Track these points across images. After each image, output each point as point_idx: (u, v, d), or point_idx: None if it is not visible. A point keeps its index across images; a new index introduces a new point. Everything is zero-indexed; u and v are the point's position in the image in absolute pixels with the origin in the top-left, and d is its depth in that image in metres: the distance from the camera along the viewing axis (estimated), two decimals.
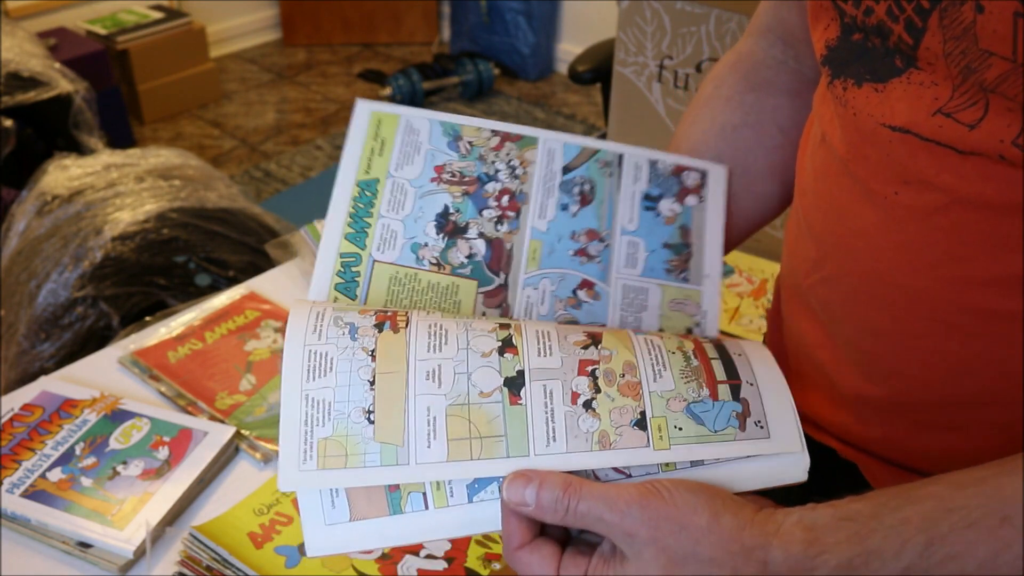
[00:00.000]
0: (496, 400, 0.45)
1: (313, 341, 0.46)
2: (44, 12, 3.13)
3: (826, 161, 0.51)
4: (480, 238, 0.55)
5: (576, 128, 3.33)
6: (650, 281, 0.55)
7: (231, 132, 3.27)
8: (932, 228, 0.44)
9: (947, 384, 0.47)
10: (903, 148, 0.44)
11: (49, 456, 0.83)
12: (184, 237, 1.60)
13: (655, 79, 1.14)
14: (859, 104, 0.46)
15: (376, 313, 0.49)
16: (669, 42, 1.10)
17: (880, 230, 0.47)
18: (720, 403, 0.46)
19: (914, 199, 0.44)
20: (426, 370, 0.45)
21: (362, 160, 0.56)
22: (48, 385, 0.92)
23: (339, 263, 0.53)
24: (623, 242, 0.56)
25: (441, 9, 3.99)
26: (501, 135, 0.58)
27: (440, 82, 3.44)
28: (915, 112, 0.43)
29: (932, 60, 0.41)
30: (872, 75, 0.45)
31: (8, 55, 2.32)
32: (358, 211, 0.55)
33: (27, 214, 1.64)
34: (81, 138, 2.39)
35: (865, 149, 0.46)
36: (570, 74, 1.79)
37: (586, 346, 0.47)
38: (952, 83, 0.41)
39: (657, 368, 0.46)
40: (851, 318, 0.51)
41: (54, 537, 0.76)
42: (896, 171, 0.45)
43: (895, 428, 0.52)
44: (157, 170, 1.71)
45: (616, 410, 0.45)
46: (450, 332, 0.47)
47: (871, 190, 0.47)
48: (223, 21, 3.76)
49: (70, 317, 1.50)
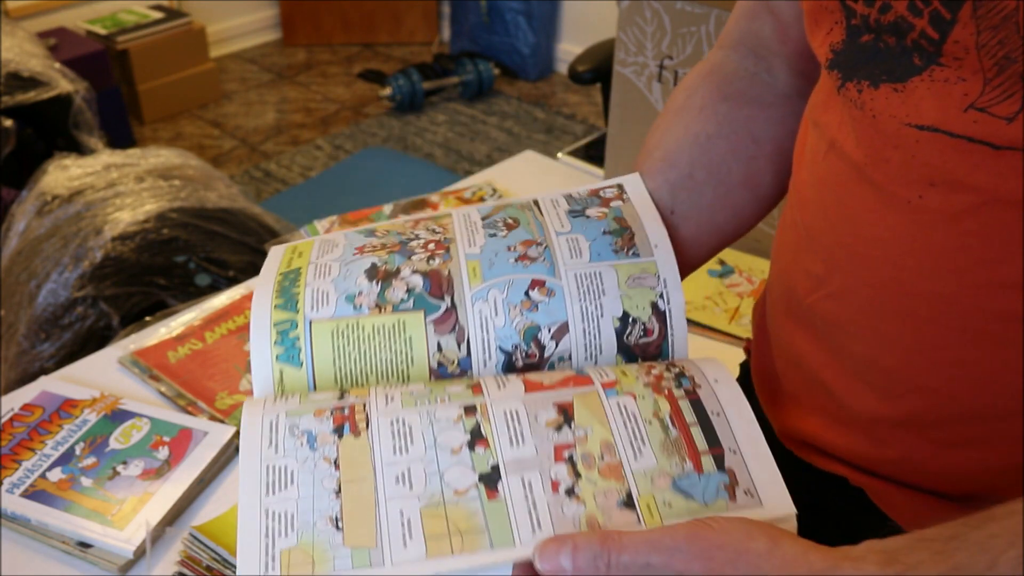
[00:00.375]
0: (473, 497, 0.42)
1: (270, 456, 0.44)
2: (44, 12, 3.13)
3: (835, 170, 0.49)
4: (415, 274, 0.53)
5: (576, 128, 3.33)
6: (601, 264, 0.53)
7: (231, 132, 3.27)
8: (961, 231, 0.42)
9: (974, 396, 0.46)
10: (931, 148, 0.42)
11: (49, 456, 0.83)
12: (184, 237, 1.60)
13: (655, 79, 1.14)
14: (878, 106, 0.45)
15: (332, 413, 0.46)
16: (669, 42, 1.10)
17: (902, 236, 0.45)
18: (706, 475, 0.44)
19: (941, 202, 0.43)
20: (395, 474, 0.43)
21: (281, 264, 0.55)
22: (48, 385, 0.92)
23: (275, 333, 0.51)
24: (561, 240, 0.54)
25: (441, 9, 3.99)
26: (415, 219, 0.58)
27: (440, 82, 3.44)
28: (944, 109, 0.41)
29: (960, 54, 0.40)
30: (889, 75, 0.44)
31: (8, 55, 2.32)
32: (284, 288, 0.53)
33: (27, 214, 1.64)
34: (81, 138, 2.39)
35: (886, 152, 0.45)
36: (570, 74, 1.79)
37: (559, 426, 0.45)
38: (983, 76, 0.40)
39: (636, 444, 0.44)
40: (864, 333, 0.49)
41: (54, 537, 0.76)
42: (921, 173, 0.43)
43: (914, 448, 0.50)
44: (157, 170, 1.71)
45: (600, 493, 0.43)
46: (415, 428, 0.45)
47: (892, 195, 0.45)
48: (223, 21, 3.76)
49: (70, 317, 1.50)
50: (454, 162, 3.10)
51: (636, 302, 0.52)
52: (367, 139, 3.24)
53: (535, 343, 0.51)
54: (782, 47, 0.60)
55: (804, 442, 0.58)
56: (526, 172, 1.41)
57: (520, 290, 0.52)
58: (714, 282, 1.16)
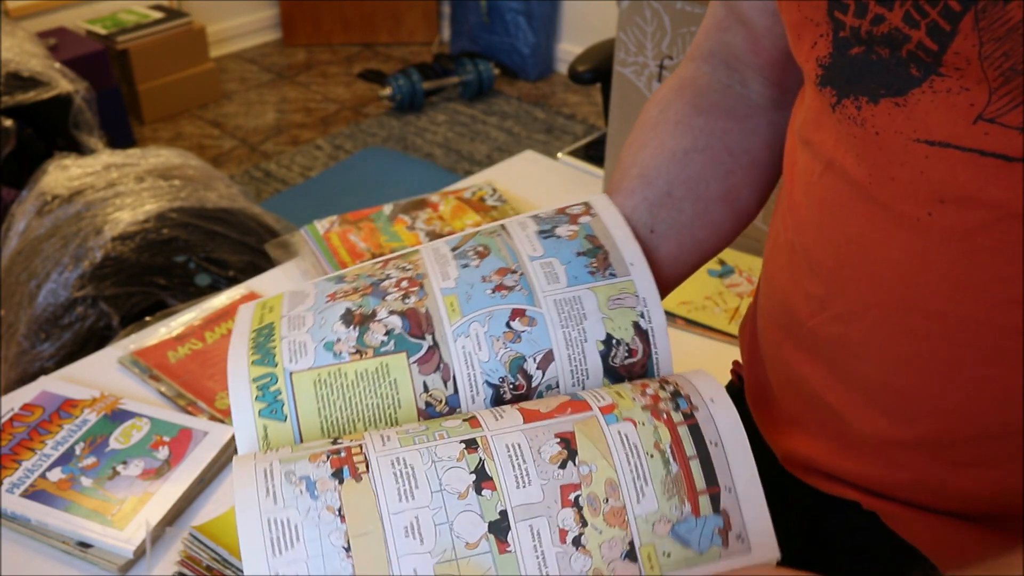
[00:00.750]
0: (484, 551, 0.42)
1: (269, 508, 0.42)
2: (44, 12, 3.13)
3: (834, 191, 0.47)
4: (392, 315, 0.52)
5: (576, 128, 3.33)
6: (579, 288, 0.53)
7: (231, 132, 3.27)
8: (975, 248, 0.41)
9: (991, 414, 0.45)
10: (940, 164, 0.41)
11: (49, 456, 0.83)
12: (184, 237, 1.60)
13: (655, 79, 1.14)
14: (881, 122, 0.43)
15: (329, 457, 0.45)
16: (669, 42, 1.10)
17: (912, 256, 0.43)
18: (703, 519, 0.44)
19: (952, 219, 0.41)
20: (403, 525, 0.42)
21: (253, 321, 0.54)
22: (48, 385, 0.92)
23: (255, 389, 0.49)
24: (535, 266, 0.54)
25: (441, 9, 3.99)
26: (383, 260, 0.57)
27: (440, 82, 3.44)
28: (953, 123, 0.40)
29: (961, 65, 0.39)
30: (888, 88, 0.42)
31: (8, 55, 2.32)
32: (259, 344, 0.52)
33: (27, 214, 1.64)
34: (81, 138, 2.39)
35: (891, 170, 0.43)
36: (570, 74, 1.79)
37: (563, 462, 0.45)
38: (988, 86, 0.38)
39: (639, 484, 0.45)
40: (874, 355, 0.48)
41: (54, 537, 0.77)
42: (931, 190, 0.41)
43: (928, 470, 0.49)
44: (157, 170, 1.71)
45: (606, 543, 0.43)
46: (417, 468, 0.44)
47: (900, 214, 0.43)
48: (223, 21, 3.76)
49: (70, 317, 1.50)
50: (454, 162, 3.10)
51: (618, 323, 0.52)
52: (367, 139, 3.24)
53: (521, 373, 0.50)
54: (755, 58, 0.58)
55: (809, 466, 0.56)
56: (526, 172, 1.41)
57: (501, 321, 0.51)
58: (714, 282, 1.16)
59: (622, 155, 0.61)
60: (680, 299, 1.13)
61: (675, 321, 1.11)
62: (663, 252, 0.58)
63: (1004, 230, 0.40)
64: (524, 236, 0.56)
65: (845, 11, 0.43)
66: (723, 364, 1.03)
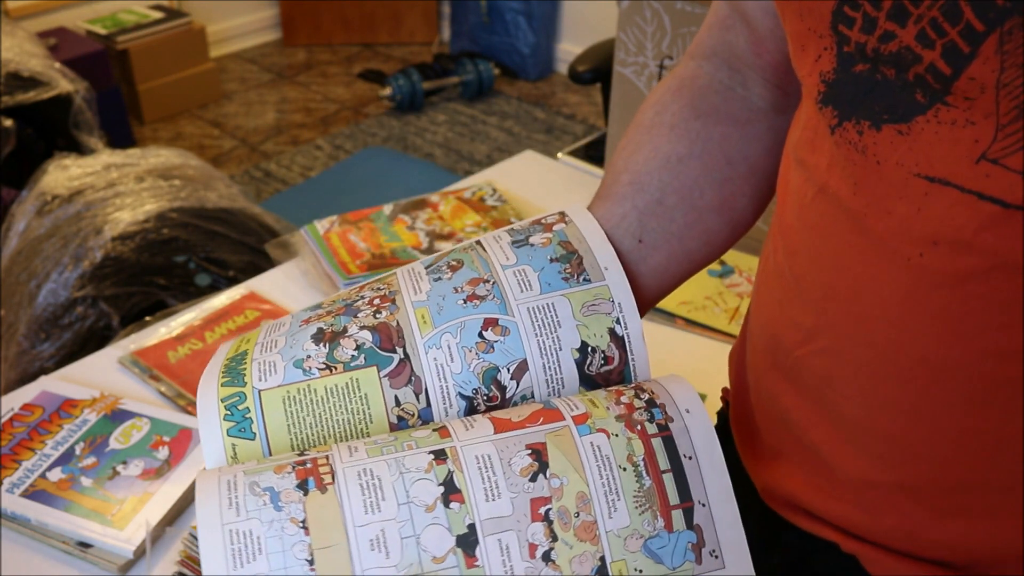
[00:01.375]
0: (452, 565, 0.41)
1: (231, 519, 0.41)
2: (44, 12, 3.13)
3: (828, 217, 0.44)
4: (363, 330, 0.51)
5: (576, 128, 3.33)
6: (553, 295, 0.51)
7: (231, 132, 3.27)
8: (966, 295, 0.39)
9: (977, 465, 0.43)
10: (938, 202, 0.38)
11: (49, 456, 0.83)
12: (184, 237, 1.60)
13: (655, 79, 1.14)
14: (883, 151, 0.40)
15: (294, 468, 0.44)
16: (669, 42, 1.10)
17: (901, 296, 0.41)
18: (676, 535, 0.44)
19: (944, 262, 0.39)
20: (369, 538, 0.41)
21: (229, 351, 0.54)
22: (48, 385, 0.92)
23: (223, 409, 0.49)
24: (509, 274, 0.52)
25: (441, 9, 3.99)
26: (360, 285, 0.57)
27: (440, 82, 3.44)
28: (955, 159, 0.37)
29: (973, 94, 0.35)
30: (891, 114, 0.39)
31: (8, 55, 2.32)
32: (230, 368, 0.51)
33: (27, 214, 1.64)
34: (81, 138, 2.39)
35: (889, 204, 0.40)
36: (570, 74, 1.79)
37: (534, 475, 0.44)
38: (996, 122, 0.35)
39: (611, 498, 0.44)
40: (857, 395, 0.45)
41: (54, 537, 0.77)
42: (925, 229, 0.39)
43: (910, 517, 0.47)
44: (157, 170, 1.71)
45: (576, 559, 0.43)
46: (384, 480, 0.43)
47: (892, 250, 0.41)
48: (223, 21, 3.76)
49: (70, 317, 1.50)
50: (454, 162, 3.10)
51: (593, 331, 0.51)
52: (367, 139, 3.24)
53: (495, 384, 0.49)
54: (757, 59, 0.56)
55: (790, 503, 0.54)
56: (526, 172, 1.41)
57: (473, 332, 0.50)
58: (714, 282, 1.16)
59: (614, 158, 0.59)
60: (680, 299, 1.13)
61: (675, 321, 1.11)
62: (651, 263, 0.55)
63: (998, 279, 0.37)
64: (498, 247, 0.55)
65: (851, 25, 0.39)
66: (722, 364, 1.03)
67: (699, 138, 0.56)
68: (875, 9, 0.37)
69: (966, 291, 0.38)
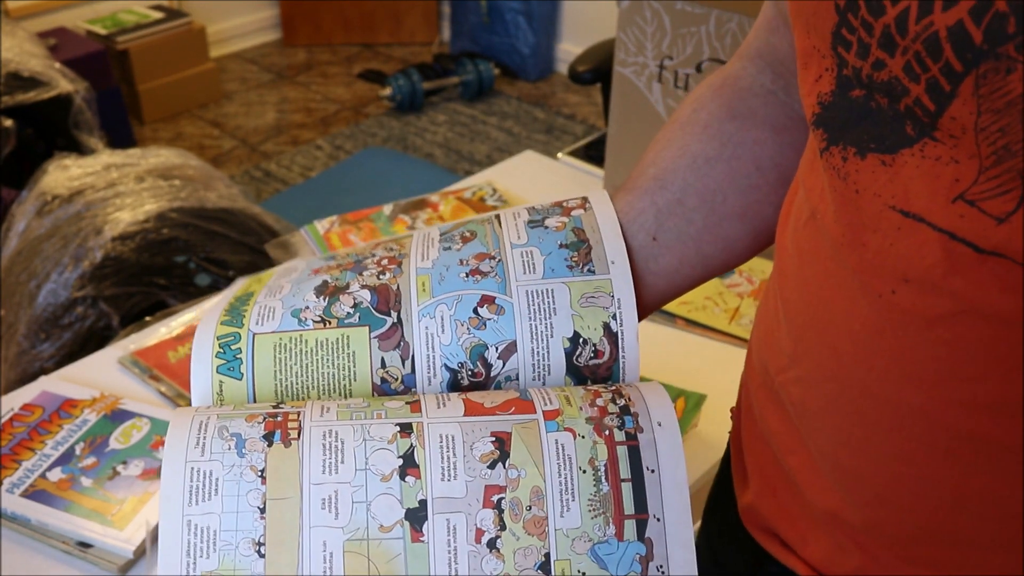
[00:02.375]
0: (397, 536, 0.42)
1: (195, 457, 0.43)
2: (44, 12, 3.13)
3: (814, 242, 0.43)
4: (364, 288, 0.52)
5: (576, 128, 3.33)
6: (554, 281, 0.51)
7: (231, 132, 3.27)
8: (933, 339, 0.37)
9: (939, 517, 0.41)
10: (911, 239, 0.37)
11: (49, 456, 0.83)
12: (184, 237, 1.60)
13: (655, 79, 1.14)
14: (863, 180, 0.38)
15: (265, 419, 0.45)
16: (669, 42, 1.10)
17: (871, 334, 0.40)
18: (625, 544, 0.44)
19: (914, 302, 0.37)
20: (321, 497, 0.43)
21: (238, 290, 0.55)
22: (48, 385, 0.92)
23: (217, 345, 0.50)
24: (516, 254, 0.52)
25: (441, 9, 3.99)
26: (377, 242, 0.57)
27: (440, 82, 3.44)
28: (931, 195, 0.35)
29: (956, 133, 0.34)
30: (878, 143, 0.38)
31: (8, 55, 2.32)
32: (233, 308, 0.53)
33: (27, 214, 1.64)
34: (81, 138, 2.39)
35: (864, 235, 0.39)
36: (570, 74, 1.79)
37: (493, 463, 0.44)
38: (979, 163, 0.33)
39: (565, 498, 0.44)
40: (829, 428, 0.44)
41: (54, 537, 0.77)
42: (897, 265, 0.37)
43: (875, 559, 0.45)
44: (157, 170, 1.71)
45: (520, 551, 0.43)
46: (347, 443, 0.44)
47: (865, 284, 0.39)
48: (223, 21, 3.76)
49: (70, 317, 1.50)
50: (454, 162, 3.11)
51: (588, 322, 0.50)
52: (367, 139, 3.24)
53: (482, 361, 0.49)
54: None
55: (766, 527, 0.54)
56: (526, 172, 1.41)
57: (469, 306, 0.50)
58: (714, 282, 1.16)
59: (647, 150, 0.57)
60: (680, 299, 1.13)
61: (675, 321, 1.11)
62: (662, 263, 0.54)
63: (965, 325, 0.36)
64: (513, 224, 0.55)
65: (848, 48, 0.37)
66: (722, 364, 1.03)
67: (730, 141, 0.54)
68: (868, 35, 0.36)
69: (934, 335, 0.37)
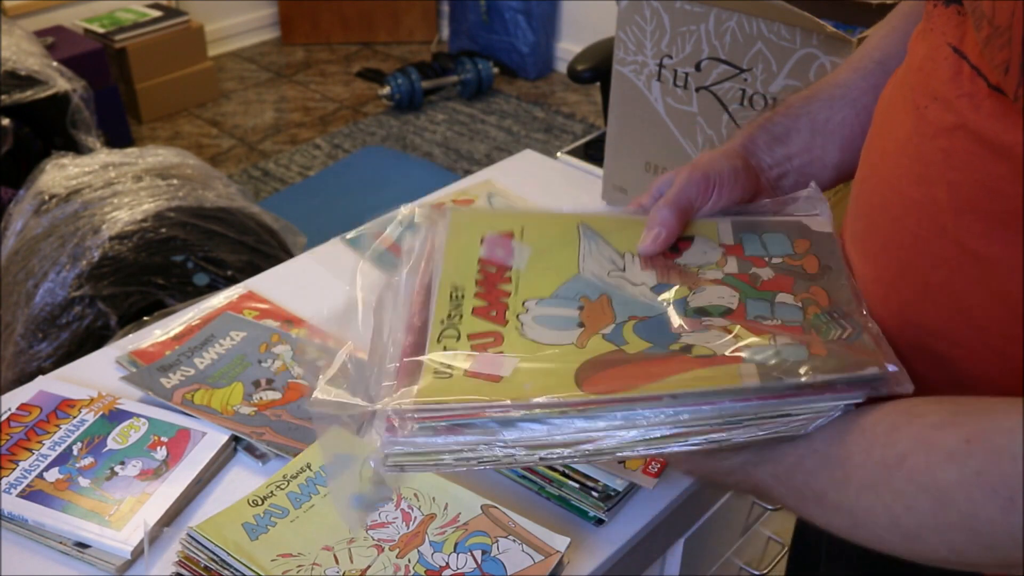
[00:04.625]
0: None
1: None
2: (41, 11, 3.13)
3: (895, 80, 0.55)
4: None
5: (576, 127, 3.33)
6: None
7: (229, 131, 3.27)
8: (936, 147, 0.46)
9: (912, 307, 0.50)
10: (950, 67, 0.46)
11: (46, 456, 0.83)
12: (182, 236, 1.59)
13: (654, 78, 1.14)
14: (937, 23, 0.48)
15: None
16: (668, 41, 1.10)
17: (907, 137, 0.49)
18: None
19: (935, 115, 0.47)
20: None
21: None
22: (45, 385, 0.92)
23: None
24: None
25: (440, 8, 3.99)
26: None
27: (439, 81, 3.44)
28: (973, 43, 0.44)
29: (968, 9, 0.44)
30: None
31: (5, 54, 2.31)
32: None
33: (24, 213, 1.63)
34: (79, 137, 2.38)
35: (925, 63, 0.49)
36: (569, 73, 1.79)
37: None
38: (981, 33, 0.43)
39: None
40: (861, 218, 0.55)
41: (51, 537, 0.76)
42: (935, 86, 0.47)
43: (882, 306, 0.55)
44: (155, 169, 1.70)
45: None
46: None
47: (912, 100, 0.49)
48: (221, 20, 3.76)
49: (68, 317, 1.50)
50: (453, 161, 3.10)
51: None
52: (366, 138, 3.24)
53: None
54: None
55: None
56: (525, 171, 1.41)
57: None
58: None
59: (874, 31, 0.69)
60: None
61: None
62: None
63: (959, 138, 0.45)
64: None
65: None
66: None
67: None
68: None
69: (936, 144, 0.47)
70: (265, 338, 0.99)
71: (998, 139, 0.43)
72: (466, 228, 0.60)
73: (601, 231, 0.60)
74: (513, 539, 0.71)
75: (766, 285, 0.54)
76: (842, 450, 0.45)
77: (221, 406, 0.90)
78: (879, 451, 0.43)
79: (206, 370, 0.94)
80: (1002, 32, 0.40)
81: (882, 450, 0.43)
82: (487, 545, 0.72)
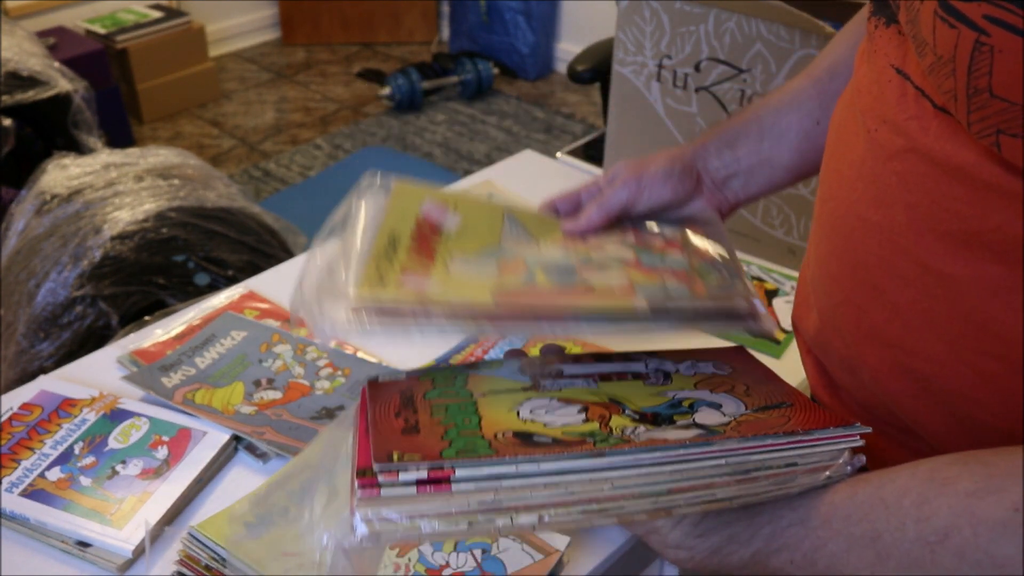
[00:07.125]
0: None
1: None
2: (43, 11, 3.13)
3: (844, 100, 0.56)
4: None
5: (575, 127, 3.33)
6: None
7: (230, 131, 3.27)
8: (890, 170, 0.47)
9: (880, 322, 0.50)
10: (896, 89, 0.47)
11: (48, 455, 0.83)
12: (183, 236, 1.60)
13: (654, 78, 1.14)
14: (879, 44, 0.49)
15: None
16: (668, 41, 1.10)
17: (860, 161, 0.50)
18: None
19: (885, 138, 0.47)
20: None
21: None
22: (47, 384, 0.92)
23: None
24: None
25: (440, 8, 3.99)
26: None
27: (439, 81, 3.44)
28: (916, 64, 0.45)
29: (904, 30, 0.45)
30: (890, 19, 0.48)
31: (7, 54, 2.32)
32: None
33: (26, 213, 1.64)
34: (80, 137, 2.39)
35: (871, 85, 0.50)
36: (569, 73, 1.80)
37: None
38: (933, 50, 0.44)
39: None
40: (820, 239, 0.56)
41: (53, 536, 0.77)
42: (883, 108, 0.48)
43: (830, 345, 0.57)
44: (156, 169, 1.71)
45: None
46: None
47: (863, 122, 0.50)
48: (222, 20, 3.76)
49: (69, 316, 1.50)
50: (453, 161, 3.10)
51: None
52: (366, 138, 3.24)
53: None
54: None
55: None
56: (525, 172, 1.41)
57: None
58: None
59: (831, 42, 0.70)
60: None
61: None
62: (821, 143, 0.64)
63: (911, 161, 0.45)
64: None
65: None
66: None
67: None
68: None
69: (890, 167, 0.47)
70: (266, 338, 1.00)
71: (950, 160, 0.43)
72: (408, 194, 0.68)
73: (522, 221, 0.68)
74: (513, 538, 0.72)
75: (659, 248, 0.65)
76: (868, 529, 0.44)
77: (222, 405, 0.90)
78: (913, 528, 0.42)
79: (207, 370, 0.95)
80: (945, 63, 0.40)
81: (917, 526, 0.41)
82: (487, 544, 0.72)
